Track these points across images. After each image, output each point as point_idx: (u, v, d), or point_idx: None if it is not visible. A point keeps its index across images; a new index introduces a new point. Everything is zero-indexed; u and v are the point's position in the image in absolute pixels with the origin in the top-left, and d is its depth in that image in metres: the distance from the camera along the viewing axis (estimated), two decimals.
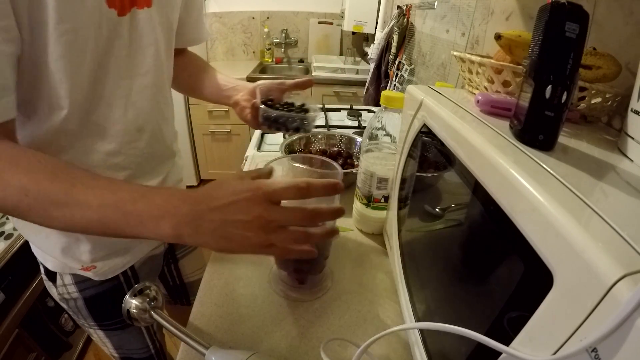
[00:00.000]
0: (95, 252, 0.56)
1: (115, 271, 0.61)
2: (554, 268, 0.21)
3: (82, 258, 0.56)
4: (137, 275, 0.65)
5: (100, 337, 0.68)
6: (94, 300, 0.61)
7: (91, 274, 0.58)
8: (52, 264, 0.58)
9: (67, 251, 0.55)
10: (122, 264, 0.61)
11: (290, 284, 0.56)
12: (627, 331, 0.16)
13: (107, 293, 0.61)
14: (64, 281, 0.59)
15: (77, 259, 0.56)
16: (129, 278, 0.64)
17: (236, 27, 2.66)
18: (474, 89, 0.51)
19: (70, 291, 0.60)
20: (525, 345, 0.23)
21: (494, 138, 0.34)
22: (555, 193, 0.24)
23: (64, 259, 0.56)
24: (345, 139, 0.95)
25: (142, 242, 0.63)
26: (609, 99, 0.42)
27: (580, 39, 0.29)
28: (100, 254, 0.57)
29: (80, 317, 0.64)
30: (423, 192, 0.51)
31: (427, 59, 1.32)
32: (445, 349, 0.38)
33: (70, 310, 0.63)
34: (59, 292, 0.61)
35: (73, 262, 0.56)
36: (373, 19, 1.97)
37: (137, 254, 0.63)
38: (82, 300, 0.61)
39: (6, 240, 1.11)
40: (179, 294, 0.85)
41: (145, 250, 0.65)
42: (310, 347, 0.47)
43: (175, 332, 0.43)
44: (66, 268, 0.58)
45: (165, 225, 0.36)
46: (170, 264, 0.80)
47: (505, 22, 0.81)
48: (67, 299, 0.61)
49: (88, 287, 0.60)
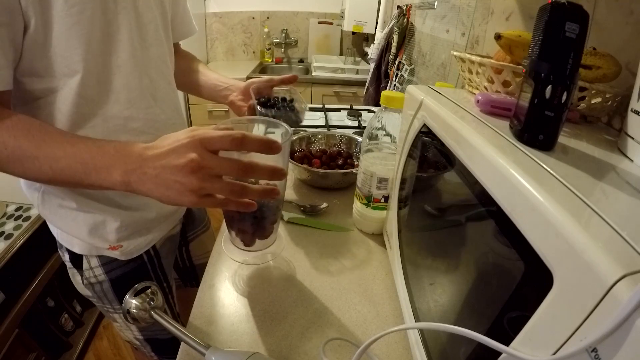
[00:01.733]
0: (121, 231, 0.59)
1: (139, 250, 0.64)
2: (554, 268, 0.21)
3: (109, 237, 0.59)
4: (159, 255, 0.68)
5: None
6: (120, 281, 0.64)
7: (118, 253, 0.61)
8: (79, 247, 0.60)
9: (94, 232, 0.58)
10: (145, 242, 0.64)
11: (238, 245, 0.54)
12: (627, 331, 0.16)
13: (132, 273, 0.64)
14: (91, 264, 0.62)
15: (105, 238, 0.59)
16: (151, 257, 0.67)
17: (236, 27, 2.66)
18: (474, 89, 0.51)
19: (97, 274, 0.63)
20: (525, 345, 0.23)
21: (494, 138, 0.34)
22: (555, 193, 0.24)
23: (91, 240, 0.59)
24: (345, 139, 0.95)
25: (162, 221, 0.67)
26: (609, 99, 0.42)
27: (580, 39, 0.29)
28: (125, 233, 0.60)
29: (105, 301, 0.66)
30: (423, 192, 0.51)
31: (427, 59, 1.32)
32: (445, 349, 0.38)
33: (96, 295, 0.66)
34: (85, 276, 0.63)
35: (100, 242, 0.59)
36: (373, 19, 1.97)
37: (158, 233, 0.66)
38: (108, 282, 0.64)
39: (6, 240, 1.11)
40: (189, 276, 0.88)
41: (165, 230, 0.69)
42: (310, 347, 0.47)
43: (175, 332, 0.43)
44: (93, 249, 0.61)
45: (115, 173, 0.39)
46: (182, 246, 0.83)
47: (505, 22, 0.81)
48: (92, 284, 0.64)
49: (114, 268, 0.63)
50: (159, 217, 0.64)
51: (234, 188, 0.38)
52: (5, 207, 1.26)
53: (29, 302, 1.15)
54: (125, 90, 0.54)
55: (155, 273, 0.69)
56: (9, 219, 1.21)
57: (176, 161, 0.36)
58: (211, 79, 0.77)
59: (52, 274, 1.27)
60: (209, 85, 0.77)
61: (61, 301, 1.36)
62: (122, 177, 0.39)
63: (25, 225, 1.18)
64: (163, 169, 0.37)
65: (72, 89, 0.49)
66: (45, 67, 0.47)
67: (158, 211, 0.64)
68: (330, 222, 0.73)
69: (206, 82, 0.77)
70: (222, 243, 0.58)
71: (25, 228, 1.17)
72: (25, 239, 1.13)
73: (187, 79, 0.78)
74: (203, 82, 0.77)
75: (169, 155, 0.37)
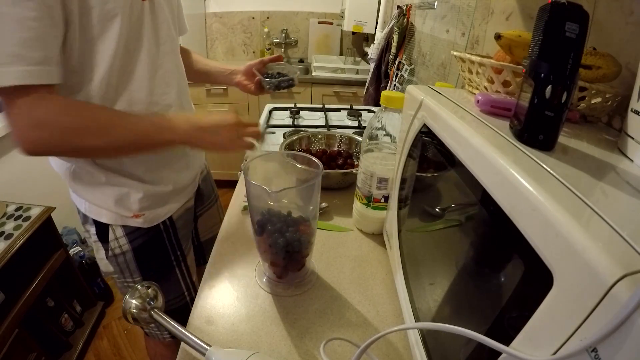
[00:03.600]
0: (143, 202, 0.69)
1: (159, 218, 0.73)
2: (554, 268, 0.21)
3: (132, 207, 0.69)
4: (175, 225, 0.77)
5: None
6: (141, 249, 0.73)
7: (141, 221, 0.70)
8: (106, 217, 0.69)
9: (120, 202, 0.67)
10: (164, 212, 0.74)
11: (271, 277, 0.58)
12: (627, 331, 0.16)
13: (151, 241, 0.74)
14: (116, 234, 0.71)
15: (129, 208, 0.68)
16: (167, 227, 0.76)
17: (236, 27, 2.66)
18: (474, 89, 0.51)
19: (122, 244, 0.72)
20: (525, 345, 0.23)
21: (494, 138, 0.34)
22: (555, 193, 0.24)
23: (117, 209, 0.68)
24: (345, 139, 0.95)
25: (178, 193, 0.76)
26: (609, 99, 0.42)
27: (580, 39, 0.29)
28: (146, 204, 0.70)
29: (127, 274, 0.75)
30: (423, 192, 0.51)
31: (427, 59, 1.32)
32: (445, 349, 0.38)
33: (119, 269, 0.74)
34: (111, 247, 0.71)
35: (125, 211, 0.69)
36: (373, 19, 1.97)
37: (175, 205, 0.76)
38: (131, 252, 0.73)
39: (6, 240, 1.11)
40: (197, 254, 0.92)
41: (181, 201, 0.78)
42: (310, 347, 0.47)
43: (175, 332, 0.43)
44: (119, 219, 0.69)
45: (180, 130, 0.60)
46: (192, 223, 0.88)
47: (505, 22, 0.81)
48: (117, 255, 0.72)
49: (137, 237, 0.72)
50: (175, 190, 0.74)
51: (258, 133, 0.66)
52: (5, 207, 1.26)
53: (29, 302, 1.15)
54: (146, 80, 0.63)
55: (170, 241, 0.77)
56: (9, 219, 1.21)
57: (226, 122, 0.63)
58: (214, 67, 0.93)
59: (52, 274, 1.27)
60: (215, 71, 0.92)
61: (61, 301, 1.36)
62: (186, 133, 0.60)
63: (25, 225, 1.18)
64: (217, 126, 0.62)
65: (104, 80, 0.57)
66: (82, 64, 0.55)
67: (174, 185, 0.74)
68: (330, 222, 0.73)
69: (211, 70, 0.92)
70: (255, 273, 0.60)
71: (25, 228, 1.17)
72: (25, 239, 1.13)
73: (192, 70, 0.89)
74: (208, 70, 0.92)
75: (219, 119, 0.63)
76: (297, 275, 0.58)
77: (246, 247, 0.66)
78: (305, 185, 0.53)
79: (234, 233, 0.70)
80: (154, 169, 0.70)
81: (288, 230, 0.51)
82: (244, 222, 0.73)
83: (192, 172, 0.80)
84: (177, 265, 0.79)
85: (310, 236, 0.55)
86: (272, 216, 0.52)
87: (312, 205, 0.53)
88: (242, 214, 0.75)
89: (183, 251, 0.80)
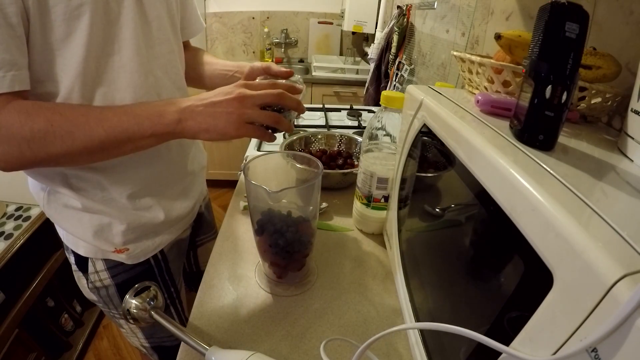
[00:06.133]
0: (127, 233, 0.58)
1: (146, 254, 0.63)
2: (554, 268, 0.21)
3: (114, 240, 0.58)
4: (167, 259, 0.67)
5: (132, 327, 0.68)
6: (126, 286, 0.61)
7: (124, 257, 0.60)
8: (84, 249, 0.59)
9: (99, 234, 0.57)
10: (153, 246, 0.63)
11: (271, 277, 0.58)
12: (627, 331, 0.16)
13: (139, 278, 0.62)
14: (96, 267, 0.61)
15: (110, 241, 0.58)
16: (159, 261, 0.65)
17: (236, 27, 2.66)
18: (474, 89, 0.51)
19: (103, 278, 0.61)
20: (525, 345, 0.23)
21: (494, 138, 0.34)
22: (555, 193, 0.24)
23: (96, 242, 0.57)
24: (345, 139, 0.95)
25: (172, 224, 0.65)
26: (609, 99, 0.42)
27: (580, 39, 0.29)
28: (132, 236, 0.59)
29: (111, 306, 0.65)
30: (423, 192, 0.51)
31: (427, 59, 1.32)
32: (445, 349, 0.38)
33: (102, 300, 0.64)
34: (90, 280, 0.62)
35: (106, 244, 0.58)
36: (373, 19, 1.97)
37: (167, 237, 0.65)
38: (114, 287, 0.62)
39: (6, 240, 1.11)
40: (195, 281, 0.87)
41: (174, 234, 0.67)
42: (310, 347, 0.47)
43: (176, 332, 0.43)
44: (99, 252, 0.59)
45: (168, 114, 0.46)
46: (190, 251, 0.82)
47: (505, 22, 0.81)
48: (98, 288, 0.62)
49: (120, 272, 0.61)
50: (168, 220, 0.63)
51: (272, 115, 0.48)
52: (5, 207, 1.26)
53: (29, 302, 1.15)
54: (131, 88, 0.53)
55: (163, 278, 0.67)
56: (9, 219, 1.21)
57: (224, 96, 0.46)
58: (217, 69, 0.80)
59: (52, 274, 1.27)
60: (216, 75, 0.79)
61: (61, 301, 1.36)
62: (175, 116, 0.46)
63: (25, 225, 1.18)
64: (212, 104, 0.46)
65: (75, 92, 0.49)
66: (46, 72, 0.47)
67: (167, 214, 0.62)
68: (330, 222, 0.73)
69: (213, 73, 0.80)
70: (255, 273, 0.59)
71: (25, 228, 1.17)
72: (25, 239, 1.13)
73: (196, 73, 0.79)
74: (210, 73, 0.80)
75: (217, 95, 0.47)
76: (297, 275, 0.58)
77: (246, 247, 0.66)
78: (305, 185, 0.53)
79: (234, 233, 0.70)
80: (142, 194, 0.58)
81: (288, 230, 0.51)
82: (244, 222, 0.73)
83: (189, 201, 0.68)
84: (172, 304, 0.70)
85: (310, 236, 0.55)
86: (272, 216, 0.52)
87: (312, 205, 0.53)
88: (242, 214, 0.75)
89: (177, 287, 0.71)
